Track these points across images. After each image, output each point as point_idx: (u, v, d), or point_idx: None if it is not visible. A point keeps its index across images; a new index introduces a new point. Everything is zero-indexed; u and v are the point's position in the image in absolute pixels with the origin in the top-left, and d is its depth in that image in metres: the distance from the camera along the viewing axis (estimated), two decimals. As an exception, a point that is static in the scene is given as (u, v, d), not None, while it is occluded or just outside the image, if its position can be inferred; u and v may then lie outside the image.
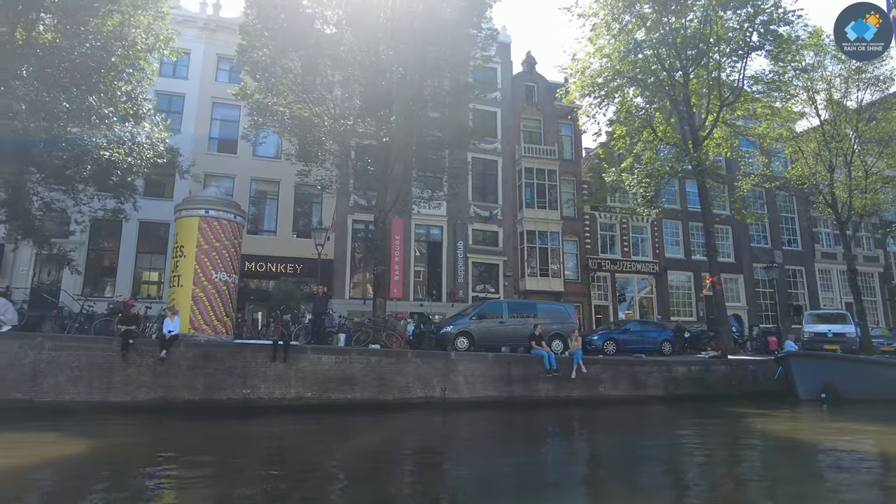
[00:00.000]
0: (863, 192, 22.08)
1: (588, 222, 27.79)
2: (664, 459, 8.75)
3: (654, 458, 8.76)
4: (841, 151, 22.88)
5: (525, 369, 14.59)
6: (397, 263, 23.90)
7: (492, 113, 27.26)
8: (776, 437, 10.58)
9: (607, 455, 9.38)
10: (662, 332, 19.40)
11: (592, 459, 9.15)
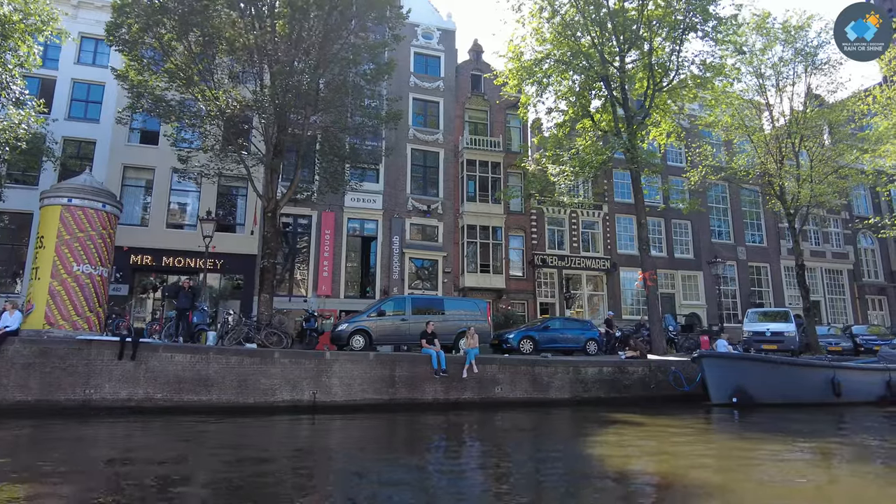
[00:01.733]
0: (808, 182, 20.83)
1: (535, 217, 26.66)
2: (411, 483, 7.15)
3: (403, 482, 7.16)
4: (790, 140, 21.68)
5: (411, 370, 13.51)
6: (326, 259, 22.87)
7: (434, 102, 26.19)
8: (600, 457, 8.52)
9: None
10: (587, 329, 18.28)
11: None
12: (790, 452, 8.95)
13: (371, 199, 24.03)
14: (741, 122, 22.05)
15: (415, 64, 26.16)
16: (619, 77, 19.71)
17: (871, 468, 8.04)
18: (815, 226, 32.40)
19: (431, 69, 26.49)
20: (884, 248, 33.27)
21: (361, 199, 23.90)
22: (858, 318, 31.46)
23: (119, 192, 21.97)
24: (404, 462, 8.26)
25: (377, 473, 7.30)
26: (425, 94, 26.01)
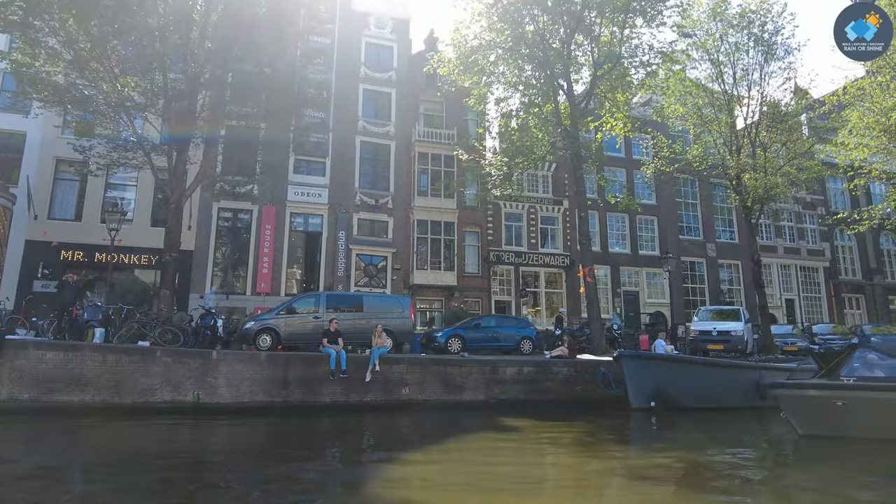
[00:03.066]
0: (763, 173, 19.86)
1: (491, 212, 25.81)
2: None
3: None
4: (746, 130, 20.74)
5: (307, 371, 12.73)
6: (266, 255, 22.10)
7: (385, 94, 25.37)
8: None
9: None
10: (523, 328, 17.42)
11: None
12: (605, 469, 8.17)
13: (316, 193, 23.25)
14: (697, 112, 21.10)
15: (366, 54, 25.36)
16: (562, 64, 18.86)
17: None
18: (788, 222, 31.43)
19: (384, 60, 25.68)
20: (862, 245, 32.20)
21: (306, 194, 23.13)
22: (834, 317, 30.45)
23: (51, 186, 21.38)
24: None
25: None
26: (377, 86, 25.21)
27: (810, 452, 9.23)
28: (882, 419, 8.72)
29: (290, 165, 23.16)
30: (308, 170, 23.57)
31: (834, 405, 8.84)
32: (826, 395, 9.02)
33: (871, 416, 8.75)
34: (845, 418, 8.83)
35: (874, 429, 8.81)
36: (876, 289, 31.59)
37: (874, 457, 8.65)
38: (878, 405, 8.74)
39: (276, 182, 22.72)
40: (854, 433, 8.91)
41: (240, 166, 22.91)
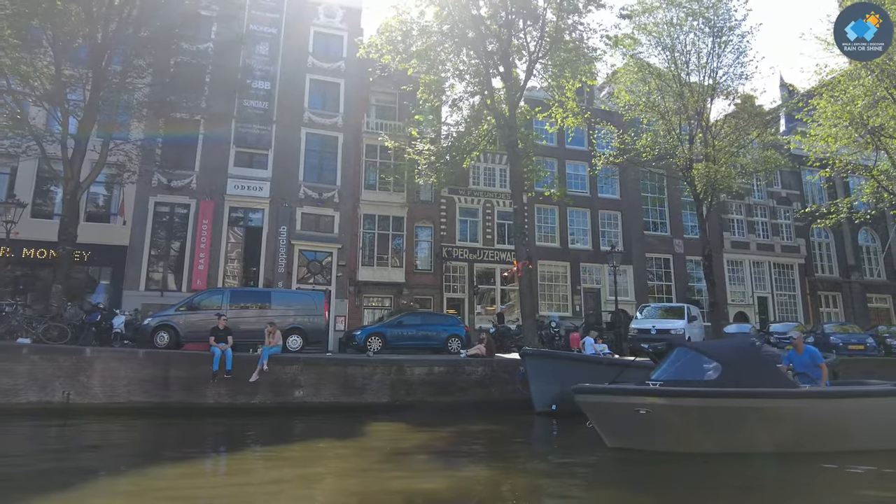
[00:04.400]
0: (713, 162, 18.91)
1: (445, 207, 24.99)
2: None
3: None
4: (699, 118, 19.80)
5: (190, 370, 12.01)
6: (203, 251, 21.39)
7: (334, 84, 24.58)
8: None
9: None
10: (451, 325, 16.60)
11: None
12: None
13: (257, 186, 22.51)
14: (648, 100, 20.17)
15: (314, 44, 24.58)
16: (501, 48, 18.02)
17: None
18: (762, 217, 30.39)
19: (333, 50, 24.91)
20: (839, 241, 31.11)
21: (246, 187, 22.40)
22: (809, 315, 29.39)
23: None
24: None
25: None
26: (325, 76, 24.42)
27: (595, 473, 8.00)
28: (688, 430, 7.54)
29: (230, 158, 22.47)
30: (250, 162, 22.83)
31: (637, 413, 7.55)
32: (628, 401, 7.74)
33: (676, 426, 7.56)
34: (651, 429, 7.59)
35: (681, 441, 7.61)
36: (854, 286, 30.47)
37: (657, 481, 7.27)
38: (683, 413, 7.53)
39: (215, 175, 22.07)
40: (662, 446, 7.69)
41: (178, 159, 22.30)
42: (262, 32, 23.92)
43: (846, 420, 7.78)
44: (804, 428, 7.64)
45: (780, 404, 7.64)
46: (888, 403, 8.14)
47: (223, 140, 22.42)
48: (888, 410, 8.03)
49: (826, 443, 7.71)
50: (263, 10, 24.09)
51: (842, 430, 7.74)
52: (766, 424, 7.49)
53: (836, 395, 8.17)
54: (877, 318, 30.15)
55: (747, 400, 7.50)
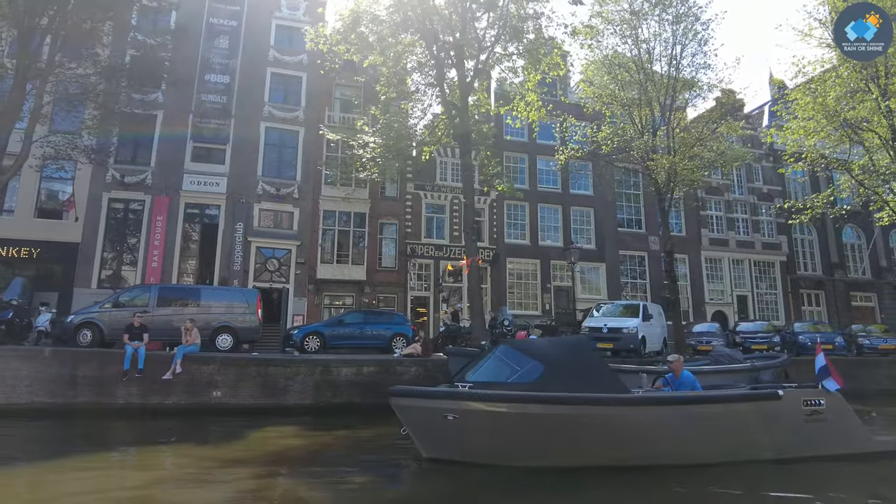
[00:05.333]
0: (671, 156, 18.24)
1: (410, 203, 24.42)
2: None
3: None
4: (662, 109, 19.13)
5: (100, 370, 11.50)
6: (157, 248, 20.93)
7: (296, 78, 24.07)
8: None
9: None
10: (396, 324, 16.02)
11: None
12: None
13: (214, 182, 22.03)
14: (609, 91, 19.52)
15: (276, 37, 24.09)
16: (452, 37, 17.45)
17: None
18: (743, 214, 29.64)
19: (295, 43, 24.32)
20: (822, 238, 30.31)
21: (203, 183, 21.93)
22: (791, 314, 28.63)
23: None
24: None
25: None
26: (287, 69, 23.93)
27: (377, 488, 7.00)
28: (503, 439, 6.64)
29: (187, 153, 22.01)
30: (208, 158, 22.37)
31: (445, 420, 6.67)
32: (435, 405, 6.86)
33: (489, 434, 6.68)
34: (462, 437, 6.77)
35: (497, 452, 6.75)
36: (837, 284, 29.67)
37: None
38: (494, 420, 6.60)
39: (171, 171, 21.64)
40: (477, 457, 6.84)
41: (133, 155, 21.89)
42: (221, 25, 23.47)
43: (688, 429, 6.79)
44: (641, 439, 6.66)
45: (603, 412, 6.60)
46: (736, 410, 7.11)
47: (180, 135, 21.99)
48: (737, 417, 7.03)
49: (672, 455, 6.79)
50: (224, 3, 23.62)
51: (685, 440, 6.77)
52: (592, 434, 6.52)
53: (675, 402, 7.08)
54: (860, 317, 29.34)
55: (563, 406, 6.48)
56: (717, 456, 6.85)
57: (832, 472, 7.09)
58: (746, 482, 6.67)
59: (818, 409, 7.20)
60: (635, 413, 6.75)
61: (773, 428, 7.03)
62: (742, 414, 7.02)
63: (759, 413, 7.01)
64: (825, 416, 7.21)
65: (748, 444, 6.99)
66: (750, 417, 6.99)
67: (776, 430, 7.05)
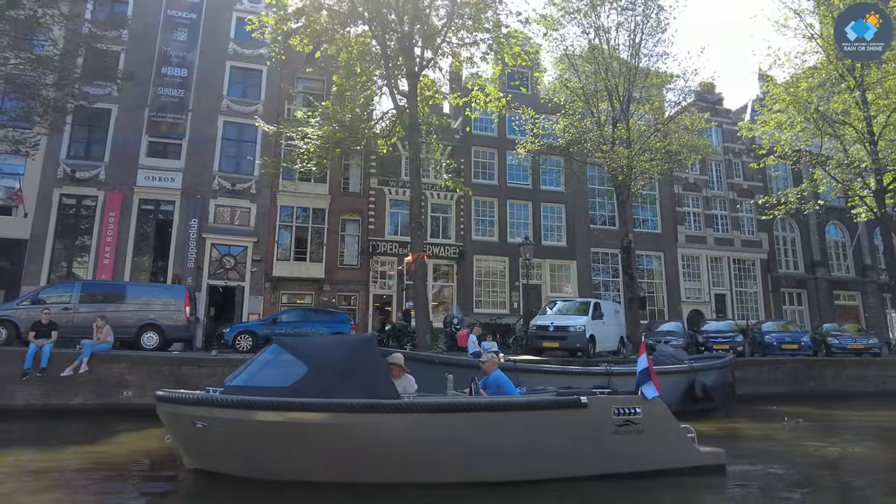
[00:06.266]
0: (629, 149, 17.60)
1: (374, 198, 23.87)
2: None
3: None
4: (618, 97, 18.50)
5: (1, 368, 11.00)
6: (109, 244, 20.48)
7: (256, 71, 23.57)
8: None
9: None
10: (335, 322, 15.48)
11: None
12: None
13: (169, 177, 21.57)
14: (565, 81, 18.91)
15: (236, 30, 23.54)
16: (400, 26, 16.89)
17: None
18: (722, 210, 28.91)
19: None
20: (805, 236, 29.53)
21: (158, 178, 21.47)
22: (771, 313, 27.89)
23: None
24: None
25: None
26: (247, 63, 23.43)
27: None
28: (247, 450, 5.91)
29: (142, 148, 21.57)
30: (163, 153, 21.92)
31: (194, 427, 5.91)
32: (184, 412, 6.04)
33: (235, 444, 5.93)
34: (213, 447, 6.06)
35: (245, 464, 6.01)
36: (819, 283, 28.88)
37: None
38: (234, 428, 5.82)
39: (125, 166, 21.20)
40: (231, 469, 6.10)
41: (86, 150, 21.48)
42: (180, 18, 23.02)
43: (470, 441, 5.85)
44: (411, 453, 5.78)
45: (356, 420, 5.64)
46: (529, 420, 6.00)
47: (135, 130, 21.57)
48: (530, 428, 5.98)
49: (453, 471, 5.88)
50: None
51: (469, 454, 5.86)
52: (353, 447, 5.68)
53: (448, 410, 5.94)
54: (843, 316, 28.62)
55: (305, 414, 5.61)
56: (509, 473, 5.93)
57: (644, 492, 6.06)
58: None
59: (632, 418, 6.19)
60: (398, 422, 5.76)
61: (577, 440, 6.05)
62: (537, 424, 5.99)
63: (559, 423, 6.03)
64: (641, 428, 6.19)
65: (547, 460, 6.00)
66: (548, 428, 5.99)
67: (581, 442, 6.07)
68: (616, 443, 6.16)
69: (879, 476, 7.44)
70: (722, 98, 29.65)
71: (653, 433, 6.27)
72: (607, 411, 6.17)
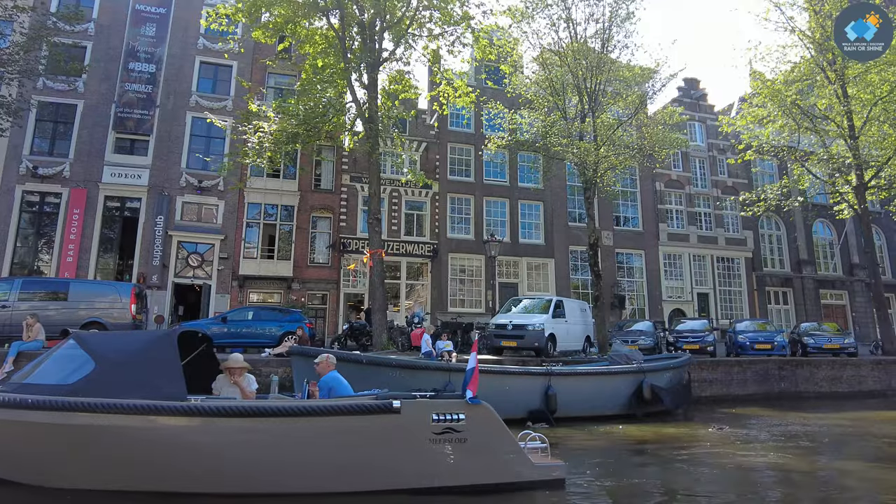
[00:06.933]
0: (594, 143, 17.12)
1: (346, 195, 23.49)
2: None
3: None
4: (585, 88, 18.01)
5: (-80, 368, 10.65)
6: (73, 242, 20.18)
7: (226, 66, 23.24)
8: None
9: None
10: (289, 321, 15.07)
11: None
12: None
13: (136, 174, 21.25)
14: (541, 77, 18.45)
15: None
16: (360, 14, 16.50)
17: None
18: (707, 208, 28.38)
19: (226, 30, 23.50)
20: (791, 233, 28.96)
21: (124, 175, 21.16)
22: (756, 312, 27.36)
23: None
24: None
25: None
26: (216, 58, 23.07)
27: None
28: (24, 454, 5.36)
29: (108, 144, 21.26)
30: (130, 149, 21.62)
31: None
32: None
33: (11, 447, 5.39)
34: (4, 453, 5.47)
35: (24, 469, 5.46)
36: (806, 282, 28.32)
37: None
38: (5, 430, 5.26)
39: (90, 163, 20.91)
40: (15, 475, 5.51)
41: (51, 146, 21.19)
42: (148, 13, 22.70)
43: (268, 449, 5.32)
44: (196, 459, 5.26)
45: (136, 422, 5.10)
46: (331, 426, 5.43)
47: (101, 126, 21.27)
48: (333, 436, 5.43)
49: (251, 481, 5.38)
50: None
51: (266, 461, 5.35)
52: (127, 452, 5.17)
53: (240, 414, 5.34)
54: (830, 315, 28.10)
55: (80, 415, 5.05)
56: (313, 484, 5.42)
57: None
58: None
59: (454, 425, 5.53)
60: (182, 426, 5.25)
61: (390, 449, 5.48)
62: (344, 431, 5.42)
63: (369, 430, 5.45)
64: (465, 436, 5.54)
65: (357, 471, 5.46)
66: (356, 436, 5.43)
67: (395, 452, 5.49)
68: (434, 453, 5.51)
69: (741, 490, 6.64)
70: (706, 94, 29.11)
71: (478, 443, 5.60)
72: (425, 417, 5.52)
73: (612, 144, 17.03)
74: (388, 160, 24.50)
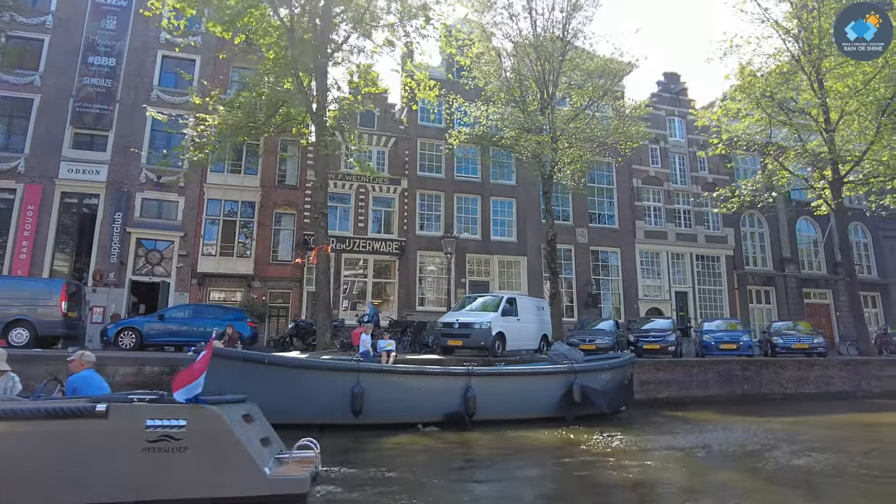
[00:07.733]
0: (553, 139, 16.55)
1: (310, 191, 22.99)
2: None
3: None
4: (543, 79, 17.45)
5: None
6: (27, 239, 19.83)
7: (189, 60, 22.80)
8: None
9: None
10: (229, 320, 14.61)
11: None
12: None
13: (94, 169, 20.87)
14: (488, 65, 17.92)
15: (169, 18, 22.79)
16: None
17: None
18: (686, 205, 27.72)
19: (190, 24, 23.02)
20: (774, 231, 28.24)
21: (82, 171, 20.79)
22: (737, 311, 26.68)
23: None
24: None
25: None
26: (179, 52, 22.64)
27: None
28: None
29: (65, 139, 20.89)
30: (89, 144, 21.25)
31: None
32: None
33: None
34: None
35: None
36: (789, 281, 27.61)
37: None
38: None
39: (47, 158, 20.55)
40: None
41: (5, 141, 20.84)
42: (109, 6, 22.32)
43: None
44: None
45: None
46: (30, 430, 4.87)
47: (58, 121, 20.91)
48: (37, 443, 4.85)
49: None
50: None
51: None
52: None
53: None
54: (814, 315, 27.41)
55: None
56: (20, 499, 4.82)
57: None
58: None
59: (172, 432, 4.97)
60: None
61: (96, 458, 4.88)
62: (49, 436, 4.84)
63: (76, 436, 4.86)
64: (185, 444, 5.00)
65: (62, 482, 4.84)
66: (62, 441, 4.84)
67: (103, 461, 4.90)
68: (148, 463, 4.95)
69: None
70: (686, 88, 28.44)
71: (201, 452, 5.05)
72: (137, 423, 4.96)
73: (570, 137, 16.42)
74: (353, 156, 24.06)
